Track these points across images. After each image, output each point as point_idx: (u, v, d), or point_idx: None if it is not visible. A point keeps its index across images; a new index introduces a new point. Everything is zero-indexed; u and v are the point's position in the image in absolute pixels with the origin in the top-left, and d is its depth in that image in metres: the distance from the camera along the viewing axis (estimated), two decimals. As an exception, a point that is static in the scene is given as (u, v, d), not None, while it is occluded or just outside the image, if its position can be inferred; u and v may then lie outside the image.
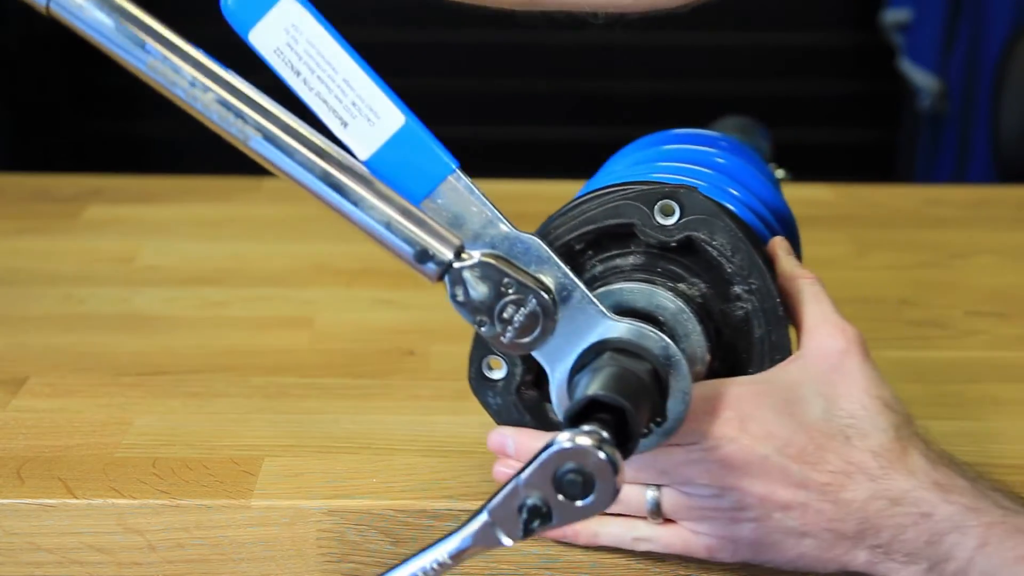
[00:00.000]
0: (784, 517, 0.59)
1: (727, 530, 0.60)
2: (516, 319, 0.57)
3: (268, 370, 0.81)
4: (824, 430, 0.59)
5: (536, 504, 0.51)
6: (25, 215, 1.10)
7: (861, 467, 0.59)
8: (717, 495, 0.60)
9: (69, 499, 0.65)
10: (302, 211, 1.13)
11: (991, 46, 2.19)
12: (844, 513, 0.58)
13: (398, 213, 0.56)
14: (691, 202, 0.62)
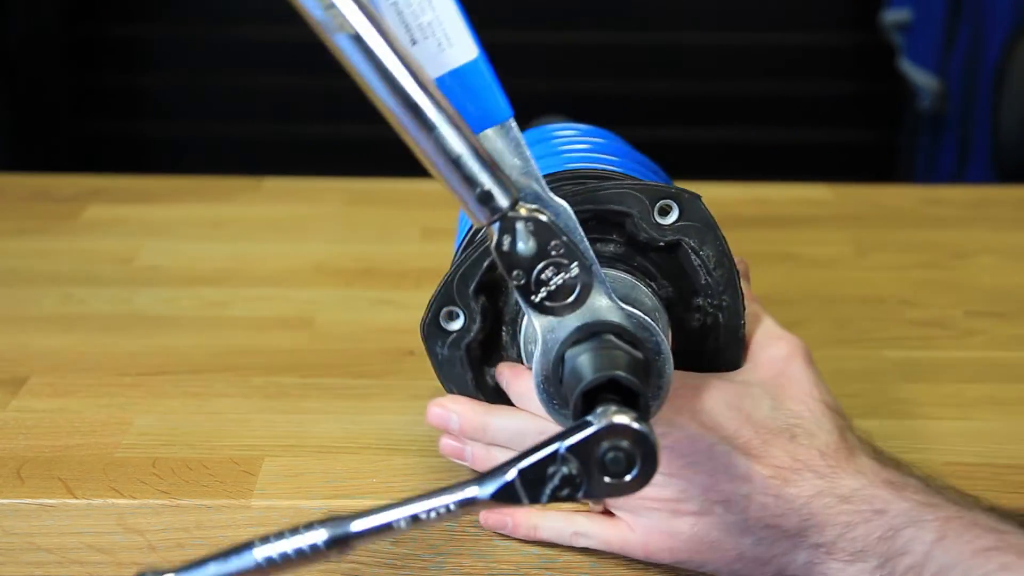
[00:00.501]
0: (725, 512, 0.59)
1: (667, 524, 0.60)
2: (554, 282, 0.55)
3: (268, 370, 0.81)
4: (770, 427, 0.60)
5: (572, 474, 0.51)
6: (25, 215, 1.10)
7: (808, 464, 0.59)
8: (660, 484, 0.59)
9: (69, 499, 0.65)
10: (302, 211, 1.13)
11: (991, 46, 2.19)
12: (787, 508, 0.58)
13: (470, 149, 0.53)
14: (691, 208, 0.62)
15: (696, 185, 1.23)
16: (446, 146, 0.52)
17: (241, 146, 2.49)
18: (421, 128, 0.52)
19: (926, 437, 0.73)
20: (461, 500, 0.51)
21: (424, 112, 0.52)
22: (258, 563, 0.50)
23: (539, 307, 0.55)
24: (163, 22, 2.48)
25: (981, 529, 0.57)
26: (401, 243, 1.05)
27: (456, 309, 0.64)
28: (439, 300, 0.64)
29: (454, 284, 0.63)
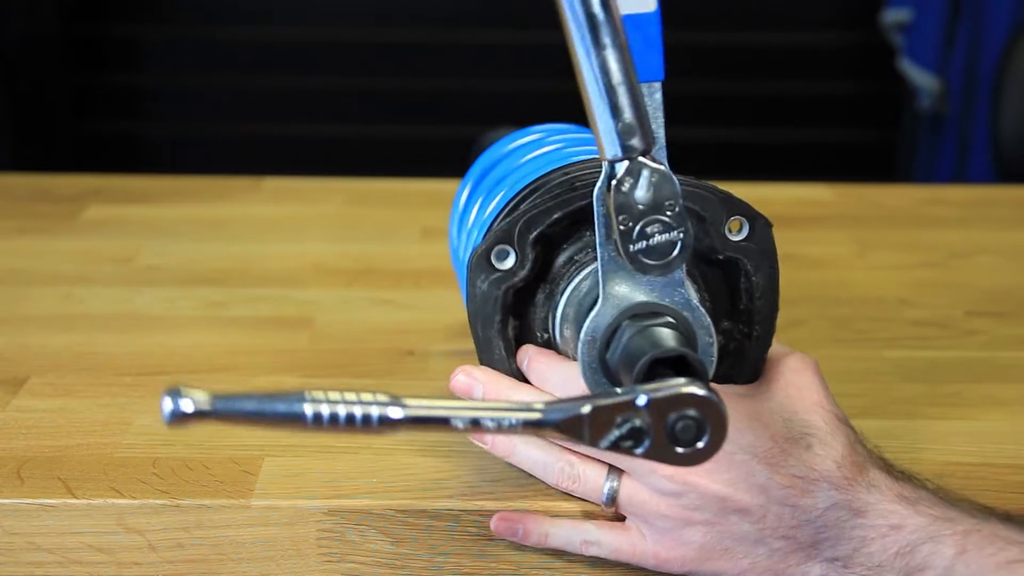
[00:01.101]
0: (740, 521, 0.59)
1: (679, 533, 0.60)
2: (656, 239, 0.55)
3: (268, 370, 0.81)
4: (787, 436, 0.60)
5: (641, 428, 0.51)
6: (25, 215, 1.10)
7: (824, 474, 0.59)
8: (676, 492, 0.59)
9: (69, 499, 0.65)
10: (302, 211, 1.13)
11: (991, 46, 2.19)
12: (803, 519, 0.58)
13: (629, 83, 0.53)
14: (762, 233, 0.63)
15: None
16: (610, 69, 0.53)
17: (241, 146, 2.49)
18: (594, 44, 0.52)
19: (926, 437, 0.73)
20: (527, 420, 0.51)
21: (602, 31, 0.52)
22: (303, 414, 0.48)
23: (632, 258, 0.55)
24: (163, 22, 2.48)
25: (1003, 541, 0.56)
26: (401, 243, 1.05)
27: (509, 249, 0.63)
28: (497, 236, 0.63)
29: (518, 225, 0.62)
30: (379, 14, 2.47)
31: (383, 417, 0.49)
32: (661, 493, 0.60)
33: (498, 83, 2.45)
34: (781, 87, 2.49)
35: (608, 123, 0.53)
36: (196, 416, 0.48)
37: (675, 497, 0.59)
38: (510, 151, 0.76)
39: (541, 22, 2.45)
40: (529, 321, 0.65)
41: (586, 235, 0.64)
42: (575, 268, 0.63)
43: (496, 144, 0.79)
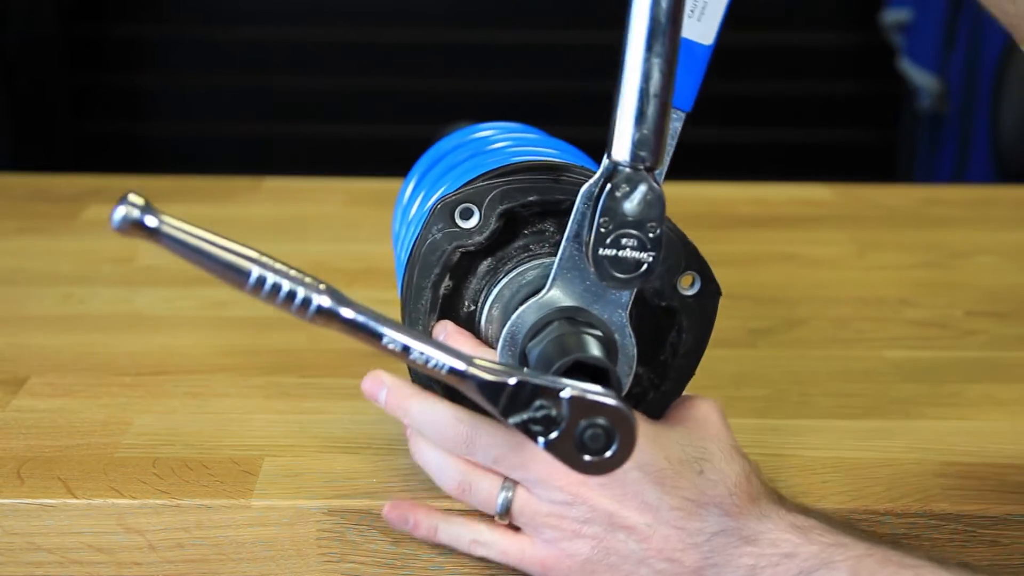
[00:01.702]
0: (627, 539, 0.59)
1: (567, 544, 0.60)
2: (626, 252, 0.56)
3: (268, 370, 0.81)
4: (682, 458, 0.60)
5: (555, 419, 0.52)
6: (25, 215, 1.10)
7: (715, 499, 0.59)
8: (568, 502, 0.60)
9: (69, 499, 0.65)
10: (302, 211, 1.13)
11: (991, 46, 2.19)
12: (689, 543, 0.58)
13: (663, 100, 0.54)
14: (710, 298, 0.64)
15: (697, 185, 1.23)
16: (652, 78, 0.54)
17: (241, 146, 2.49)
18: (647, 48, 0.53)
19: (926, 437, 0.73)
20: (454, 367, 0.52)
21: (660, 40, 0.53)
22: (247, 272, 0.48)
23: (597, 261, 0.56)
24: (163, 22, 2.48)
25: (895, 565, 0.57)
26: (401, 243, 1.05)
27: (475, 210, 0.62)
28: (469, 195, 0.62)
29: (492, 192, 0.62)
30: (379, 14, 2.47)
31: (321, 307, 0.49)
32: (552, 503, 0.60)
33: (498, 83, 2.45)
34: (781, 87, 2.49)
35: (629, 127, 0.54)
36: (143, 229, 0.48)
37: (566, 507, 0.60)
38: (455, 146, 0.76)
39: (541, 22, 2.45)
40: (462, 288, 0.64)
41: (549, 230, 0.64)
42: (527, 256, 0.63)
43: (442, 140, 0.79)
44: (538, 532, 0.61)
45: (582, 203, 0.57)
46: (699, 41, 0.59)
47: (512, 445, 0.60)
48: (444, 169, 0.72)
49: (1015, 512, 0.66)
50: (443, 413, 0.62)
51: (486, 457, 0.61)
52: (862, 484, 0.68)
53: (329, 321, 0.50)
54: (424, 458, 0.63)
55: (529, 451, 0.60)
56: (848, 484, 0.68)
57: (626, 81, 0.54)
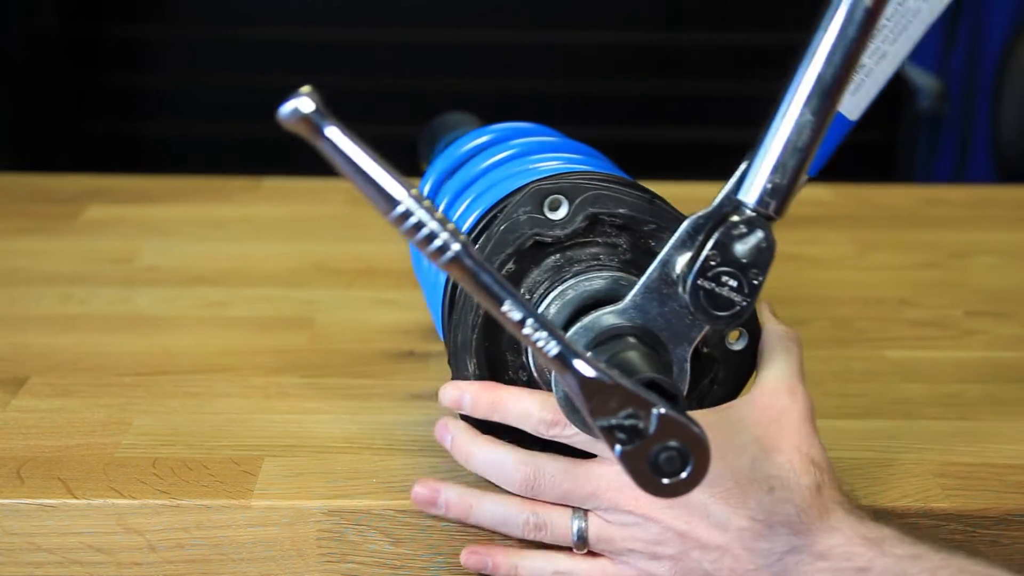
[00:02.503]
0: (702, 558, 0.59)
1: (644, 564, 0.61)
2: (724, 291, 0.56)
3: (268, 370, 0.81)
4: (749, 477, 0.59)
5: (640, 432, 0.51)
6: (25, 215, 1.10)
7: (783, 519, 0.58)
8: (640, 524, 0.60)
9: (69, 499, 0.65)
10: (302, 211, 1.13)
11: (991, 46, 2.19)
12: (761, 563, 0.58)
13: (806, 155, 0.55)
14: (751, 359, 0.65)
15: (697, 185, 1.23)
16: (804, 133, 0.54)
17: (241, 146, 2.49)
18: (807, 103, 0.55)
19: (926, 437, 0.73)
20: (562, 353, 0.51)
21: (826, 101, 0.54)
22: (395, 203, 0.48)
23: (693, 287, 0.56)
24: (163, 22, 2.48)
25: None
26: (401, 243, 1.05)
27: (565, 204, 0.63)
28: (564, 187, 0.62)
29: (586, 193, 0.62)
30: (379, 14, 2.47)
31: (455, 256, 0.49)
32: (625, 525, 0.60)
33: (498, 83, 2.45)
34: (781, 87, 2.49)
35: (765, 173, 0.54)
36: (309, 126, 0.48)
37: (639, 528, 0.60)
38: (471, 154, 0.76)
39: (541, 23, 2.45)
40: (523, 274, 0.64)
41: (623, 246, 0.63)
42: (596, 264, 0.63)
43: (455, 144, 0.78)
44: (617, 555, 0.62)
45: (686, 232, 0.57)
46: (846, 115, 0.61)
47: (576, 478, 0.61)
48: (464, 182, 0.73)
49: (1015, 512, 0.66)
50: (506, 457, 0.63)
51: (553, 494, 0.62)
52: (863, 484, 0.68)
53: (459, 272, 0.49)
54: (483, 509, 0.64)
55: (594, 481, 0.61)
56: (849, 484, 0.68)
57: (776, 129, 0.55)
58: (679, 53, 2.43)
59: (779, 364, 0.64)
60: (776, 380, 0.63)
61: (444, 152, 0.79)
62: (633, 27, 2.44)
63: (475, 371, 0.64)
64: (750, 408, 0.62)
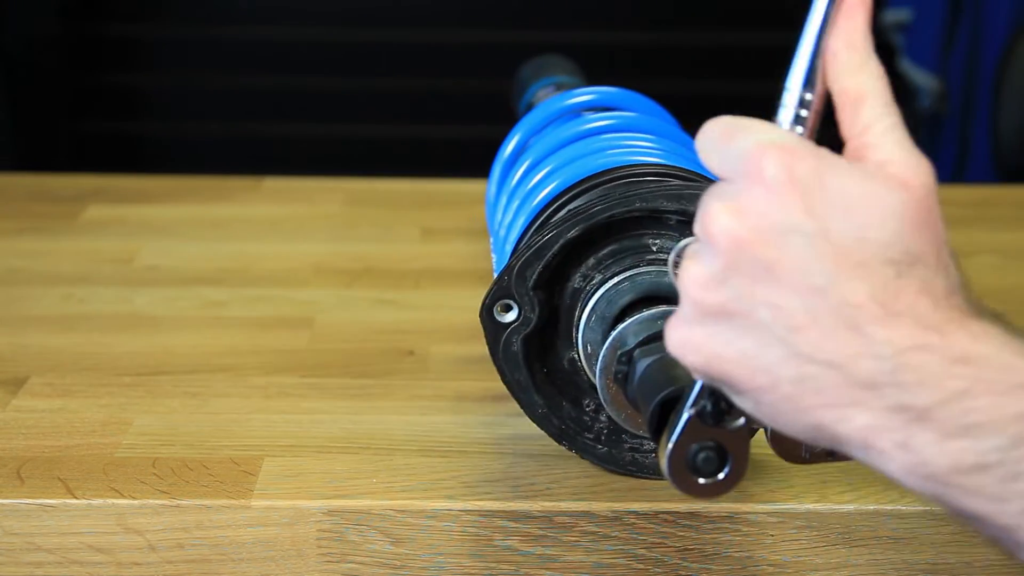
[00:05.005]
0: (772, 321, 0.46)
1: (692, 312, 0.48)
2: None
3: (268, 370, 0.81)
4: (878, 254, 0.46)
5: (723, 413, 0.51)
6: (25, 215, 1.10)
7: (911, 309, 0.45)
8: (702, 253, 0.48)
9: (69, 499, 0.65)
10: (302, 211, 1.13)
11: (991, 46, 2.19)
12: (867, 351, 0.45)
13: None
14: None
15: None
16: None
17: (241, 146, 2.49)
18: None
19: (926, 437, 0.73)
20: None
21: None
22: None
23: None
24: (163, 22, 2.48)
25: None
26: (401, 243, 1.05)
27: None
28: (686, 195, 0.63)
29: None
30: (379, 14, 2.47)
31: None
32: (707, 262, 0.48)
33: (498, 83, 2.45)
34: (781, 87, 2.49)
35: None
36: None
37: (699, 265, 0.48)
38: (560, 118, 0.77)
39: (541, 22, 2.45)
40: (600, 244, 0.65)
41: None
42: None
43: (551, 101, 0.79)
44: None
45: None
46: None
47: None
48: (546, 149, 0.74)
49: (1015, 512, 0.66)
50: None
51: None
52: (862, 484, 0.68)
53: None
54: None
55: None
56: (848, 484, 0.67)
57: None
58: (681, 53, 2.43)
59: (901, 139, 0.52)
60: (902, 149, 0.51)
61: (538, 107, 0.79)
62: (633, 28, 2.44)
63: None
64: (897, 172, 0.49)
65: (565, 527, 0.65)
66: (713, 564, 0.65)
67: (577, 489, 0.66)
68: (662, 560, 0.65)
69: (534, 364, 0.66)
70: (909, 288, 0.46)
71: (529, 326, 0.65)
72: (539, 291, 0.64)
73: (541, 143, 0.75)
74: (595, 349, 0.64)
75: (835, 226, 0.46)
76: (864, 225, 0.46)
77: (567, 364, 0.67)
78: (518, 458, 0.70)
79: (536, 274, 0.64)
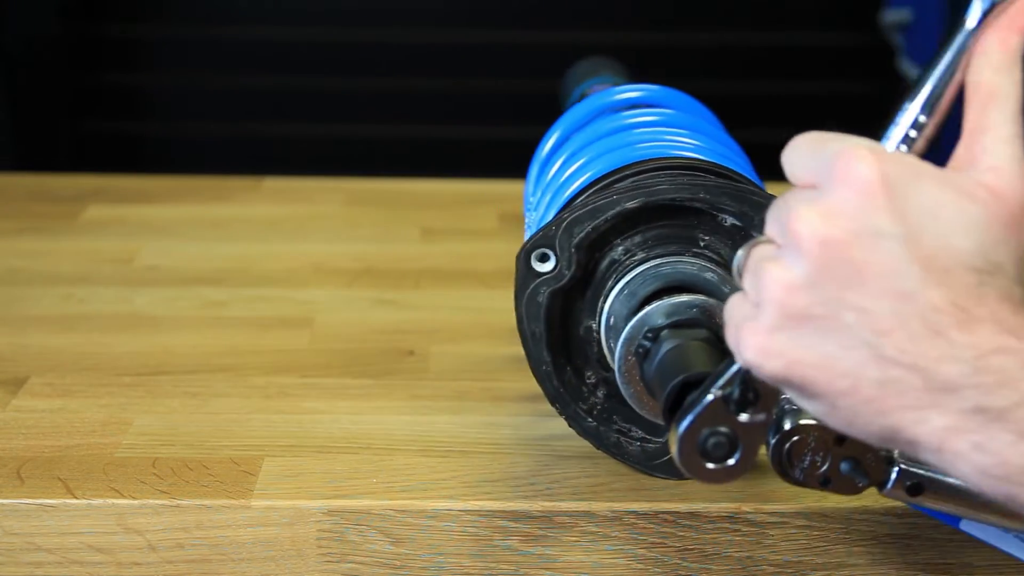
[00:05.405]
0: (857, 323, 0.46)
1: (774, 314, 0.47)
2: None
3: (268, 370, 0.81)
4: (962, 259, 0.46)
5: (750, 401, 0.51)
6: (25, 215, 1.10)
7: (994, 315, 0.45)
8: (790, 255, 0.47)
9: (69, 499, 0.65)
10: (302, 211, 1.13)
11: (991, 46, 2.19)
12: (949, 354, 0.45)
13: None
14: None
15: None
16: None
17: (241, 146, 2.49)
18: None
19: (926, 437, 0.73)
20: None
21: None
22: None
23: None
24: (163, 22, 2.48)
25: None
26: (401, 243, 1.05)
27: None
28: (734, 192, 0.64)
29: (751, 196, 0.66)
30: (379, 14, 2.47)
31: None
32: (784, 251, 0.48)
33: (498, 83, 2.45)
34: (781, 87, 2.49)
35: None
36: None
37: (784, 268, 0.47)
38: (606, 112, 0.76)
39: (541, 23, 2.45)
40: (637, 227, 0.66)
41: (726, 243, 0.66)
42: (695, 252, 0.66)
43: (597, 96, 0.78)
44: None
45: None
46: None
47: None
48: (585, 140, 0.73)
49: (1015, 512, 0.66)
50: None
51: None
52: (862, 484, 0.68)
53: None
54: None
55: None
56: (848, 484, 0.68)
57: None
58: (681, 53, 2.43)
59: (1015, 153, 0.51)
60: (1010, 167, 0.50)
61: (577, 104, 0.79)
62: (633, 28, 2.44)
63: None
64: (991, 182, 0.49)
65: (565, 527, 0.65)
66: (713, 564, 0.65)
67: (577, 489, 0.66)
68: (662, 560, 0.65)
69: (553, 321, 0.66)
70: (990, 295, 0.46)
71: (561, 281, 0.64)
72: (581, 251, 0.64)
73: (593, 128, 0.74)
74: (618, 322, 0.64)
75: (923, 231, 0.46)
76: (949, 232, 0.46)
77: (583, 331, 0.67)
78: (518, 458, 0.70)
79: (584, 233, 0.64)
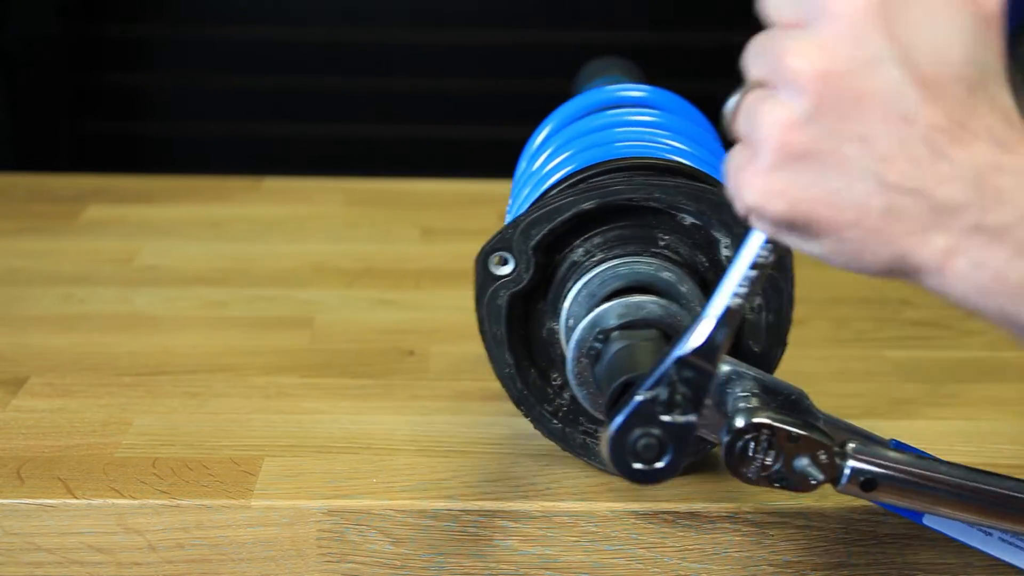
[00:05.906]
0: (860, 155, 0.45)
1: (777, 149, 0.47)
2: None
3: (268, 370, 0.81)
4: (950, 69, 0.45)
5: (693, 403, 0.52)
6: (25, 215, 1.10)
7: (989, 129, 0.45)
8: (790, 91, 0.47)
9: (69, 499, 0.65)
10: (302, 211, 1.13)
11: (991, 46, 2.19)
12: (949, 173, 0.45)
13: None
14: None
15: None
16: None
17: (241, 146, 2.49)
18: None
19: (926, 437, 0.73)
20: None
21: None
22: None
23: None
24: (163, 22, 2.48)
25: None
26: (401, 243, 1.05)
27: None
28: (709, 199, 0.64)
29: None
30: (379, 14, 2.47)
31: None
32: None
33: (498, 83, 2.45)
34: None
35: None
36: None
37: (783, 106, 0.47)
38: (594, 109, 0.76)
39: (541, 23, 2.45)
40: (592, 225, 0.66)
41: (685, 243, 0.66)
42: (653, 252, 0.65)
43: (591, 91, 0.78)
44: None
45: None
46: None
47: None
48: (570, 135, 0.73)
49: (1015, 512, 0.66)
50: None
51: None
52: (862, 484, 0.68)
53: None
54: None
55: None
56: (848, 484, 0.68)
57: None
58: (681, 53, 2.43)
59: None
60: None
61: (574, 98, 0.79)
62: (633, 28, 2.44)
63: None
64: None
65: (565, 527, 0.65)
66: (713, 564, 0.65)
67: (577, 489, 0.67)
68: (662, 560, 0.65)
69: (514, 323, 0.66)
70: (981, 106, 0.45)
71: (519, 284, 0.65)
72: (539, 253, 0.64)
73: (574, 126, 0.74)
74: (576, 324, 0.64)
75: (917, 49, 0.45)
76: (943, 45, 0.45)
77: (545, 334, 0.67)
78: (518, 458, 0.70)
79: (541, 235, 0.64)
